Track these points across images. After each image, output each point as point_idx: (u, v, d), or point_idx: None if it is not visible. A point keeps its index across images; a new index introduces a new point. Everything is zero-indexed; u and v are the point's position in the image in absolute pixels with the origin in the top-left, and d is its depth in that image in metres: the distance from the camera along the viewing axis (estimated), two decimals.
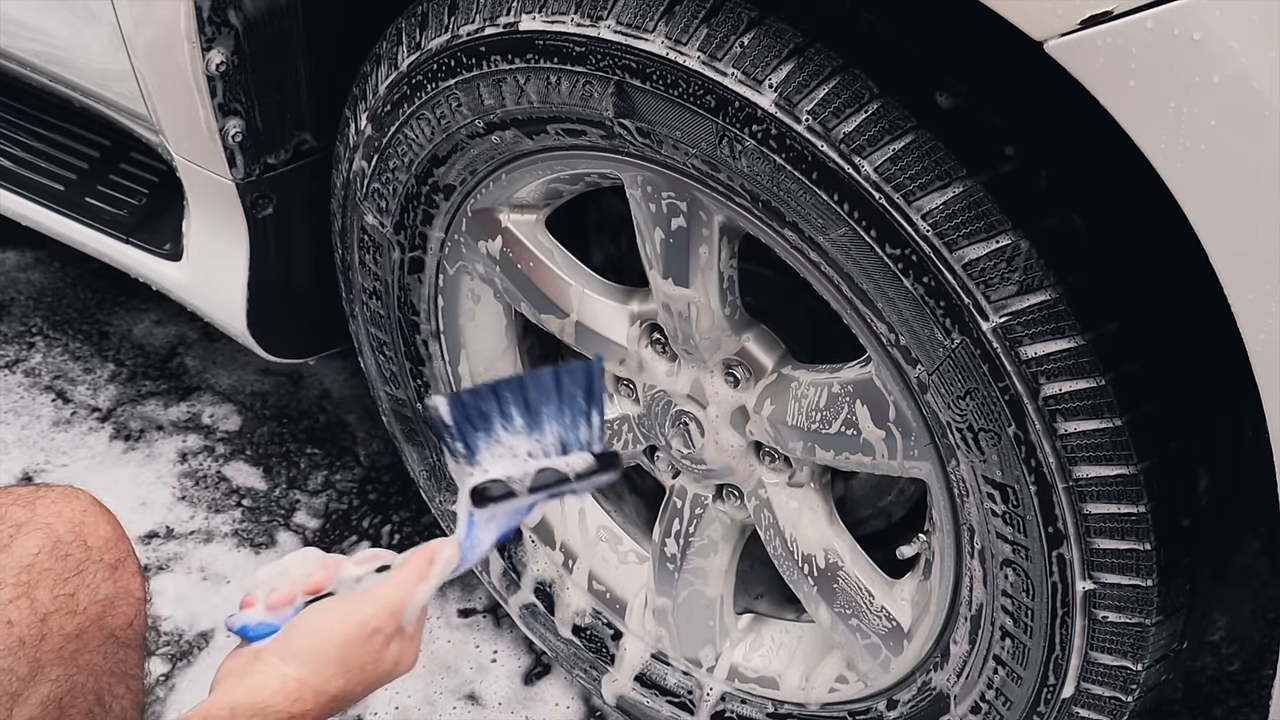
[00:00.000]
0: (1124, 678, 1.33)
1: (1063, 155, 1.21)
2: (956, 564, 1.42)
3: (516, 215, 1.61)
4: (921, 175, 1.19)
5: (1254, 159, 0.96)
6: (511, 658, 2.03)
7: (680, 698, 1.81)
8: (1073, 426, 1.21)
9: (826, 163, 1.22)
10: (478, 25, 1.41)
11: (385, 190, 1.63)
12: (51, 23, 1.86)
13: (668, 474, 1.72)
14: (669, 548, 1.73)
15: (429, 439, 1.88)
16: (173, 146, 1.79)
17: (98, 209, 2.03)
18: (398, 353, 1.80)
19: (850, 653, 1.61)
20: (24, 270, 2.70)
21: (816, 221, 1.27)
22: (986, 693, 1.45)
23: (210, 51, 1.59)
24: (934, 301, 1.23)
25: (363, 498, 2.28)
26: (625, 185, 1.47)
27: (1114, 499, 1.23)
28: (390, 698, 1.97)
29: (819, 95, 1.21)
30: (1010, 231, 1.18)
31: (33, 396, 2.45)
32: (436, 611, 2.09)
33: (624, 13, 1.30)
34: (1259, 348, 1.02)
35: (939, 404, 1.29)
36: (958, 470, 1.33)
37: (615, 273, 1.68)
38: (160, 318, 2.60)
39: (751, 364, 1.52)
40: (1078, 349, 1.18)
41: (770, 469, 1.58)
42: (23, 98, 2.14)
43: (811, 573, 1.59)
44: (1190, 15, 0.93)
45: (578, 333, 1.64)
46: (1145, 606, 1.28)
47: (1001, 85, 1.21)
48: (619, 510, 1.89)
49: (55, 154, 2.11)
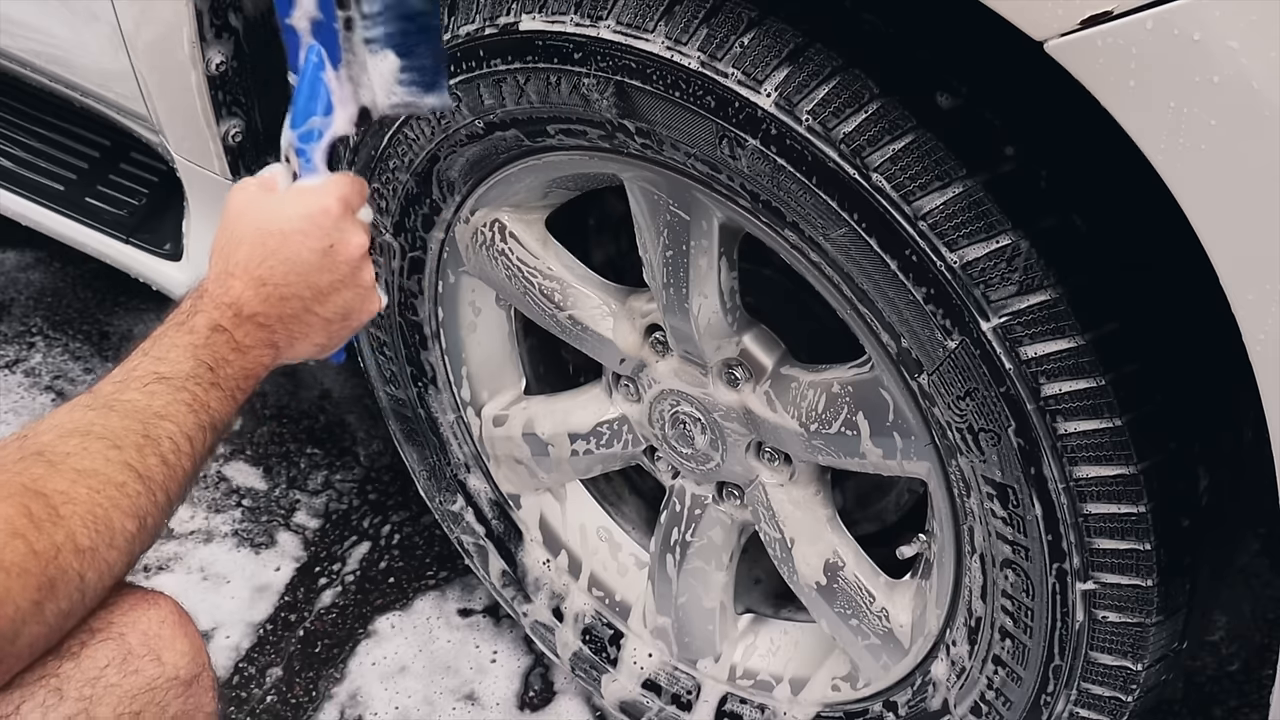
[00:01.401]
0: (1124, 678, 1.33)
1: (1063, 155, 1.21)
2: (956, 564, 1.42)
3: (516, 215, 1.61)
4: (921, 175, 1.19)
5: (1254, 159, 0.96)
6: (511, 658, 2.03)
7: (680, 698, 1.81)
8: (1073, 426, 1.21)
9: (826, 163, 1.22)
10: (477, 25, 1.41)
11: (385, 190, 1.63)
12: (51, 23, 1.86)
13: (668, 474, 1.72)
14: (670, 548, 1.73)
15: (429, 440, 1.88)
16: (173, 146, 1.79)
17: (98, 209, 2.03)
18: (397, 353, 1.80)
19: (850, 653, 1.61)
20: (24, 270, 2.70)
21: (816, 222, 1.27)
22: (986, 693, 1.45)
23: (210, 52, 1.59)
24: (934, 302, 1.23)
25: (363, 498, 2.28)
26: (625, 185, 1.47)
27: (1114, 499, 1.23)
28: (390, 698, 1.98)
29: (819, 95, 1.21)
30: (1010, 231, 1.18)
31: (33, 396, 2.46)
32: (436, 611, 2.10)
33: (624, 13, 1.30)
34: (1259, 348, 1.02)
35: (939, 404, 1.29)
36: (958, 470, 1.33)
37: (615, 273, 1.68)
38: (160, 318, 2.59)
39: (751, 364, 1.52)
40: (1078, 349, 1.18)
41: (770, 469, 1.58)
42: (23, 98, 2.14)
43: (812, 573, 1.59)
44: (1190, 15, 0.93)
45: (578, 332, 1.64)
46: (1145, 606, 1.28)
47: (1001, 85, 1.21)
48: (619, 511, 1.89)
49: (55, 154, 2.11)
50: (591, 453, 1.75)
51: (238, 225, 1.23)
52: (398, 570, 2.16)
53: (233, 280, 1.22)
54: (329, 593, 2.13)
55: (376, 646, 2.06)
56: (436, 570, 2.16)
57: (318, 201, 1.22)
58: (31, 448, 1.07)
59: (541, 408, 1.79)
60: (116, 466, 1.08)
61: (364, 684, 2.00)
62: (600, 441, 1.73)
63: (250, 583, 2.14)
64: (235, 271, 1.22)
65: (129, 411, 1.12)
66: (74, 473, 1.06)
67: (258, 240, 1.21)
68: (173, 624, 1.15)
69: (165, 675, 1.13)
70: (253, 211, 1.23)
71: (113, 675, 1.10)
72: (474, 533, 1.92)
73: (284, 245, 1.21)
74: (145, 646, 1.12)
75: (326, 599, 2.12)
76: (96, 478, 1.07)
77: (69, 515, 1.03)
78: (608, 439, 1.72)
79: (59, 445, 1.07)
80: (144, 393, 1.14)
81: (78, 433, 1.09)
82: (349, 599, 2.12)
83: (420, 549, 2.19)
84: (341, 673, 2.02)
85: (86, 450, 1.08)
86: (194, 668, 1.16)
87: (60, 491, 1.04)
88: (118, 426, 1.10)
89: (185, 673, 1.15)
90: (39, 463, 1.05)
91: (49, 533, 1.02)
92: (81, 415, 1.11)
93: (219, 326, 1.21)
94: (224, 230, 1.24)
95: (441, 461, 1.89)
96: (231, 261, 1.22)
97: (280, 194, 1.24)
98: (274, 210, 1.23)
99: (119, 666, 1.10)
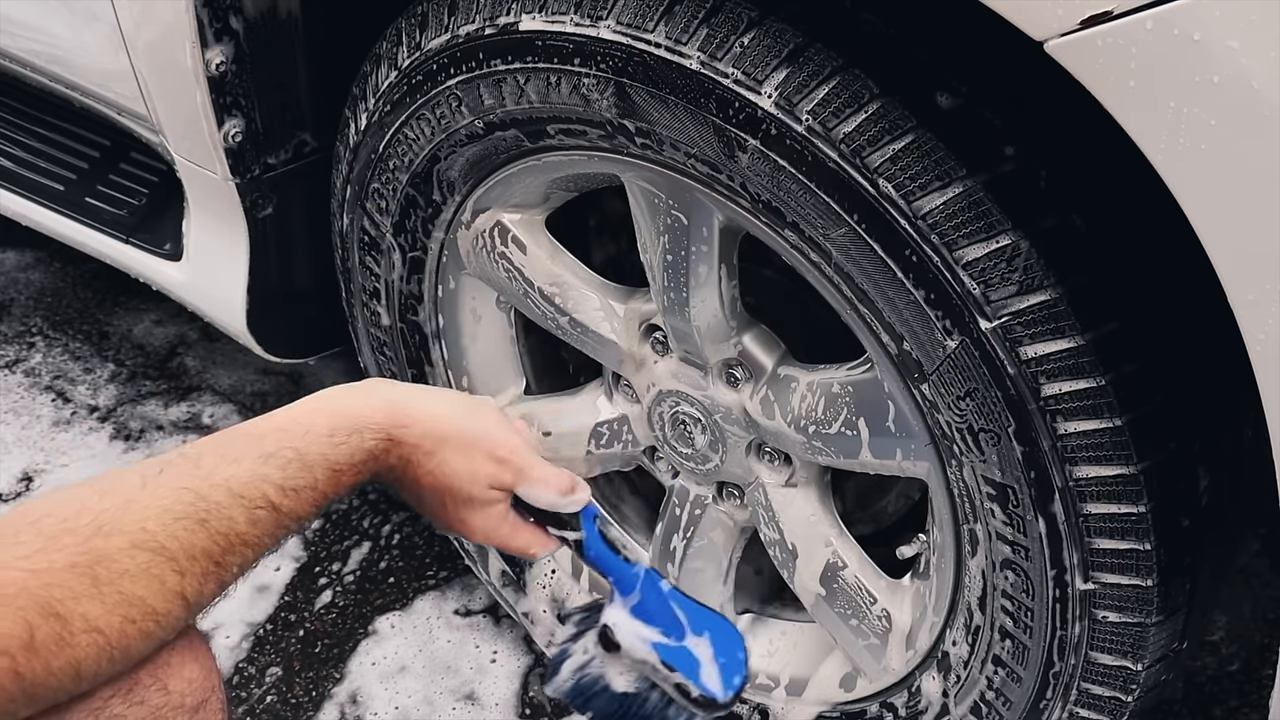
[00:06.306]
0: (1124, 678, 1.33)
1: (1063, 155, 1.21)
2: (956, 565, 1.42)
3: (517, 215, 1.61)
4: (921, 175, 1.19)
5: (1254, 159, 0.95)
6: (511, 658, 2.03)
7: None
8: (1073, 426, 1.21)
9: (826, 163, 1.22)
10: (478, 25, 1.41)
11: (385, 191, 1.63)
12: (52, 23, 1.86)
13: (668, 474, 1.72)
14: (669, 548, 1.73)
15: None
16: (173, 146, 1.79)
17: (98, 209, 2.03)
18: (398, 353, 1.80)
19: (850, 654, 1.61)
20: (24, 270, 2.70)
21: (816, 222, 1.27)
22: (986, 693, 1.45)
23: (210, 52, 1.59)
24: (933, 302, 1.23)
25: (363, 498, 2.28)
26: (625, 186, 1.47)
27: (1114, 499, 1.23)
28: (390, 698, 1.98)
29: (819, 95, 1.21)
30: (1010, 231, 1.18)
31: (33, 396, 2.46)
32: (436, 611, 2.10)
33: (624, 13, 1.30)
34: (1259, 348, 1.02)
35: (939, 404, 1.29)
36: (958, 471, 1.33)
37: (615, 273, 1.68)
38: (160, 318, 2.60)
39: (751, 364, 1.52)
40: (1078, 349, 1.18)
41: (770, 469, 1.58)
42: (23, 98, 2.14)
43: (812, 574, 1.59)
44: (1190, 15, 0.93)
45: (578, 333, 1.64)
46: (1145, 606, 1.28)
47: (1001, 85, 1.21)
48: (618, 511, 1.89)
49: (55, 154, 2.11)
50: (591, 453, 1.75)
51: (477, 432, 1.25)
52: (398, 570, 2.16)
53: (406, 471, 1.22)
54: (329, 593, 2.13)
55: (376, 646, 2.06)
56: (436, 570, 2.16)
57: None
58: (95, 550, 1.00)
59: (541, 408, 1.79)
60: (169, 596, 1.04)
61: (364, 684, 2.00)
62: (600, 442, 1.73)
63: (250, 582, 2.14)
64: (419, 460, 1.22)
65: (219, 533, 1.06)
66: (118, 598, 1.01)
67: (459, 441, 1.23)
68: (182, 650, 1.12)
69: (171, 704, 1.11)
70: (480, 433, 1.25)
71: (117, 706, 1.08)
72: None
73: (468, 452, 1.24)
74: (152, 676, 1.10)
75: (326, 599, 2.12)
76: (139, 607, 1.02)
77: (84, 644, 0.99)
78: (608, 439, 1.72)
79: (122, 559, 1.01)
80: (250, 518, 1.08)
81: (150, 547, 1.02)
82: (349, 599, 2.12)
83: (420, 549, 2.19)
84: (341, 673, 2.02)
85: (147, 574, 1.02)
86: (202, 693, 1.14)
87: (87, 618, 0.99)
88: (198, 548, 1.05)
89: (192, 700, 1.13)
90: (85, 578, 1.00)
91: (46, 659, 0.98)
92: (169, 523, 1.04)
93: (358, 485, 1.19)
94: (463, 422, 1.24)
95: None
96: (425, 450, 1.22)
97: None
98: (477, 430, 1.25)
99: (124, 697, 1.08)
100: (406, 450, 1.20)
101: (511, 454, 1.26)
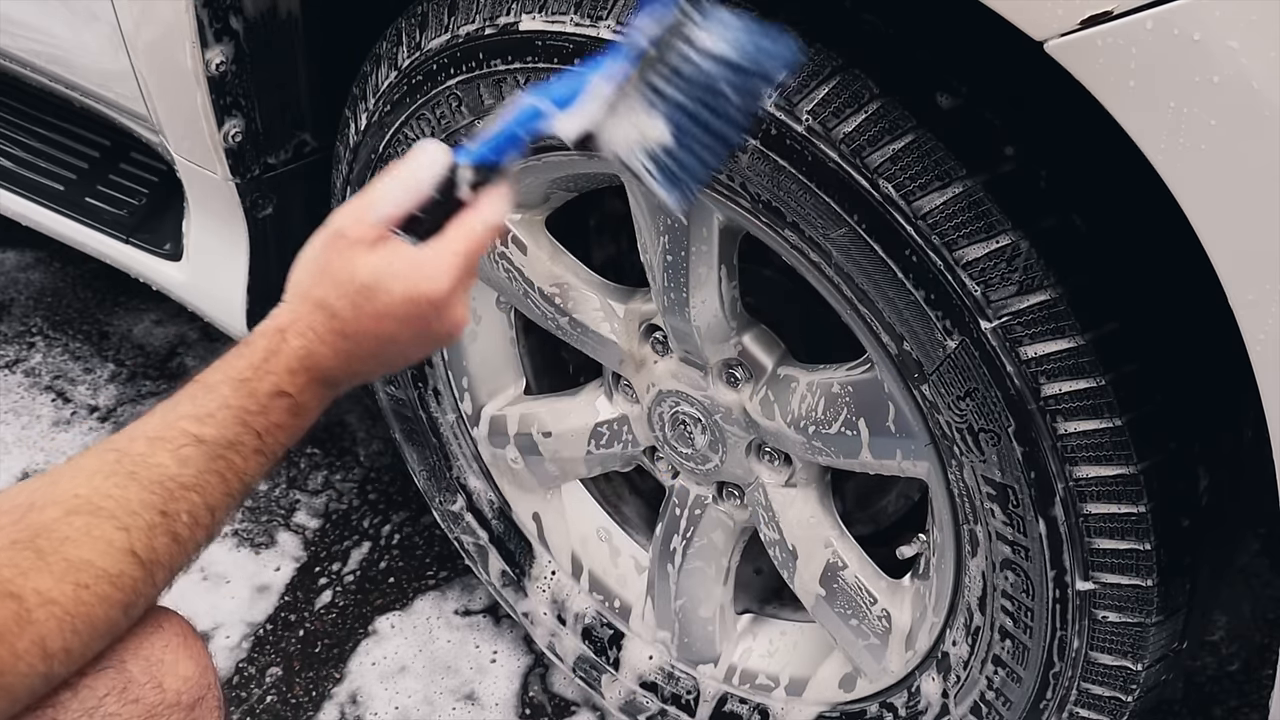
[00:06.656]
0: (1124, 678, 1.33)
1: (1063, 155, 1.21)
2: (956, 565, 1.42)
3: (517, 215, 1.61)
4: (922, 175, 1.19)
5: (1254, 159, 0.96)
6: (511, 658, 2.03)
7: (680, 698, 1.81)
8: (1073, 426, 1.21)
9: (826, 163, 1.22)
10: (478, 26, 1.41)
11: None
12: (51, 23, 1.86)
13: (668, 475, 1.72)
14: (669, 548, 1.73)
15: (430, 441, 1.88)
16: (173, 146, 1.79)
17: (98, 209, 2.03)
18: None
19: (850, 654, 1.61)
20: (24, 270, 2.70)
21: (816, 222, 1.27)
22: (986, 693, 1.45)
23: (210, 52, 1.59)
24: (933, 302, 1.23)
25: (363, 498, 2.28)
26: (625, 186, 1.47)
27: (1114, 499, 1.23)
28: (390, 698, 1.98)
29: (819, 95, 1.21)
30: (1010, 231, 1.18)
31: (33, 396, 2.46)
32: (436, 611, 2.10)
33: (624, 13, 1.30)
34: (1259, 348, 1.02)
35: (939, 405, 1.29)
36: (958, 471, 1.33)
37: (615, 273, 1.68)
38: (160, 318, 2.60)
39: (751, 364, 1.52)
40: (1078, 349, 1.18)
41: (770, 469, 1.58)
42: (23, 98, 2.14)
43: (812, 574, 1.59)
44: (1190, 15, 0.93)
45: (578, 333, 1.64)
46: (1145, 606, 1.28)
47: (1001, 85, 1.21)
48: (618, 511, 1.89)
49: (55, 154, 2.11)
50: (591, 453, 1.75)
51: (340, 271, 1.09)
52: (398, 570, 2.16)
53: (320, 345, 1.10)
54: (329, 593, 2.13)
55: (376, 646, 2.06)
56: (436, 570, 2.16)
57: (432, 288, 1.08)
58: (32, 524, 1.00)
59: (541, 408, 1.79)
60: (117, 555, 1.02)
61: (364, 684, 2.00)
62: (600, 442, 1.73)
63: (250, 583, 2.14)
64: (322, 333, 1.10)
65: (152, 481, 1.04)
66: (64, 565, 0.99)
67: (354, 305, 1.09)
68: (176, 647, 1.11)
69: (166, 702, 1.10)
70: (361, 267, 1.08)
71: (112, 704, 1.07)
72: (474, 533, 1.92)
73: (379, 326, 1.09)
74: (147, 674, 1.09)
75: (326, 599, 2.12)
76: (89, 571, 1.00)
77: (43, 619, 0.98)
78: (608, 439, 1.72)
79: (60, 527, 1.00)
80: (176, 457, 1.05)
81: (85, 510, 1.01)
82: (349, 599, 2.12)
83: (420, 549, 2.19)
84: (341, 673, 2.02)
85: (89, 535, 1.00)
86: (198, 690, 1.12)
87: (40, 591, 0.98)
88: (134, 501, 1.03)
89: (188, 697, 1.12)
90: (28, 551, 0.99)
91: (11, 642, 0.96)
92: (100, 483, 1.03)
93: (283, 392, 1.10)
94: (323, 270, 1.11)
95: (442, 462, 1.89)
96: (321, 316, 1.10)
97: (394, 254, 1.08)
98: (384, 280, 1.08)
99: (119, 695, 1.07)
100: (301, 324, 1.11)
101: (357, 221, 1.10)
